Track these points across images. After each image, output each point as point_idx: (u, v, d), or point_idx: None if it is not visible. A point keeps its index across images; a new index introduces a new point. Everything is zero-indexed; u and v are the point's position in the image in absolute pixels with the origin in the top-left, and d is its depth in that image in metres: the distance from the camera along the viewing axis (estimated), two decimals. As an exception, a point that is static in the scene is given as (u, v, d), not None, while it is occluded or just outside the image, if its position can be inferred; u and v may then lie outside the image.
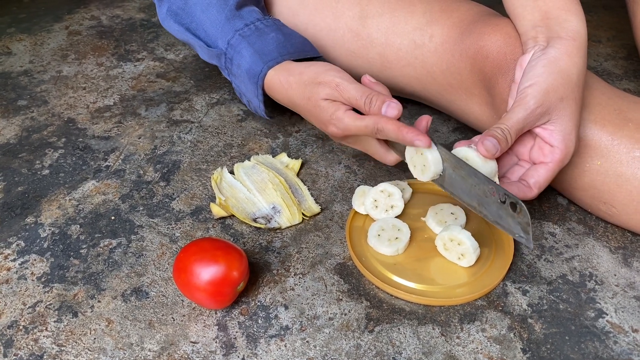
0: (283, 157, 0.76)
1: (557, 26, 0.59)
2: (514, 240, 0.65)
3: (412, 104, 0.87)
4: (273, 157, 0.76)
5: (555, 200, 0.71)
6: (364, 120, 0.59)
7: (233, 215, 0.68)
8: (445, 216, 0.65)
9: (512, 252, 0.63)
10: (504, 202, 0.54)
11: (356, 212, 0.67)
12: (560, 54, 0.58)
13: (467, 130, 0.82)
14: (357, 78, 0.81)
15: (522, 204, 0.52)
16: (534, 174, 0.58)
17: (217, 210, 0.68)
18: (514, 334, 0.56)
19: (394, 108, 0.58)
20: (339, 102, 0.61)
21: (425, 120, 0.59)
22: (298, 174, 0.74)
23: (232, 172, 0.74)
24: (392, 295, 0.59)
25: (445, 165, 0.57)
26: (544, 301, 0.59)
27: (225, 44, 0.71)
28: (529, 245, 0.54)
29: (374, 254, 0.62)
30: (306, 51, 0.70)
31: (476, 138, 0.57)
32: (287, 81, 0.65)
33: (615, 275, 0.62)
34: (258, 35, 0.69)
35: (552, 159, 0.57)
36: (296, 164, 0.75)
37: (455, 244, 0.60)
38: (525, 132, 0.59)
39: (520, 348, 0.55)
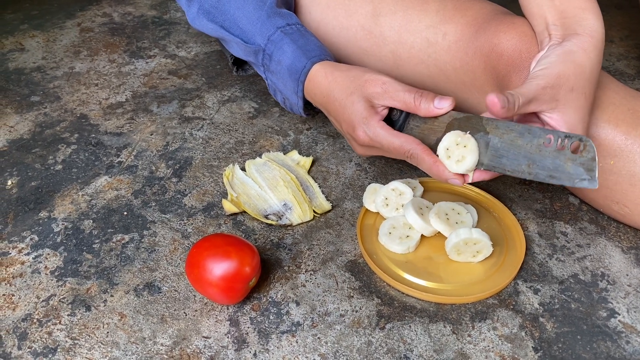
0: (294, 154, 0.76)
1: (575, 24, 0.59)
2: (526, 238, 0.65)
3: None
4: (284, 154, 0.76)
5: (567, 200, 0.71)
6: (399, 138, 0.58)
7: (245, 212, 0.68)
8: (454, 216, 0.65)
9: (524, 251, 0.63)
10: (562, 148, 0.52)
11: (367, 209, 0.67)
12: (575, 48, 0.57)
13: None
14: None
15: (587, 138, 0.51)
16: None
17: (228, 207, 0.68)
18: (525, 332, 0.56)
19: (446, 99, 0.57)
20: (378, 107, 0.61)
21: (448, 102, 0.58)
22: (309, 172, 0.75)
23: (243, 169, 0.74)
24: (403, 293, 0.59)
25: (490, 137, 0.55)
26: (556, 300, 0.59)
27: (264, 40, 0.70)
28: (593, 185, 0.51)
29: (385, 252, 0.62)
30: (337, 61, 0.71)
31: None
32: (333, 75, 0.65)
33: (627, 275, 0.62)
34: (300, 35, 0.70)
35: None
36: (307, 161, 0.75)
37: (471, 244, 0.60)
38: (534, 123, 0.59)
39: (532, 347, 0.55)
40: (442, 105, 0.57)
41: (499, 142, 0.55)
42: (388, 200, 0.65)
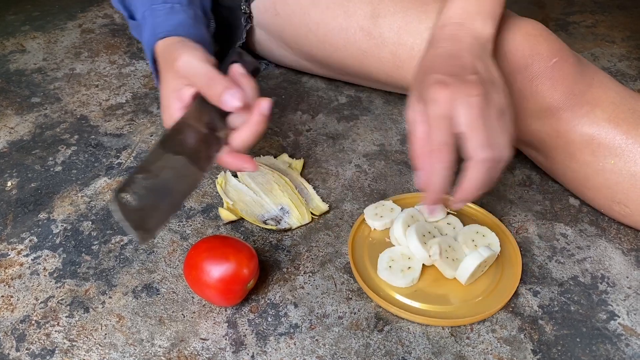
0: (285, 157, 0.76)
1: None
2: (526, 240, 0.65)
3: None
4: (275, 157, 0.76)
5: (567, 202, 0.71)
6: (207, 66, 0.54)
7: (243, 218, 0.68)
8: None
9: (519, 256, 0.62)
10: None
11: (362, 222, 0.66)
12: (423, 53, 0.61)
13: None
14: (370, 78, 0.81)
15: None
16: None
17: (226, 215, 0.67)
18: (524, 335, 0.56)
19: (235, 97, 0.52)
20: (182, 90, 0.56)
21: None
22: (307, 173, 0.74)
23: (235, 176, 0.73)
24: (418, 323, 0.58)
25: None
26: (555, 303, 0.59)
27: (140, 16, 0.66)
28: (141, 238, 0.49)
29: (391, 287, 0.59)
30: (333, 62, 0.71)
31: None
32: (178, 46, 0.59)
33: (627, 277, 0.62)
34: (166, 13, 0.64)
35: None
36: (299, 163, 0.75)
37: (483, 265, 0.59)
38: None
39: (531, 349, 0.55)
40: (229, 104, 0.52)
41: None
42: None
